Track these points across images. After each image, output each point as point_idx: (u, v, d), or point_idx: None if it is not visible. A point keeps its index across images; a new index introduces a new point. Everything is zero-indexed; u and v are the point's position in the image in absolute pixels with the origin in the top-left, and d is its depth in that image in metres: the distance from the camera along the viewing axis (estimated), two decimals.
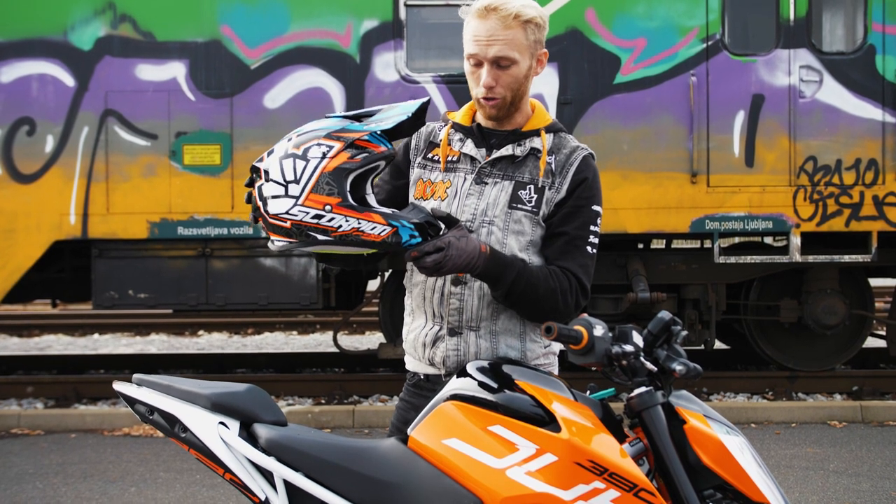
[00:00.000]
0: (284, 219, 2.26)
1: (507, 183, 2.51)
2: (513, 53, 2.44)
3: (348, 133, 2.27)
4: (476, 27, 2.45)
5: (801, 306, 7.80)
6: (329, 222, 2.24)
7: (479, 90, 2.49)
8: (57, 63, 7.28)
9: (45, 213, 7.29)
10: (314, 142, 2.26)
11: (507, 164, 2.53)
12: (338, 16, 7.35)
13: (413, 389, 2.63)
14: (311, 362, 9.26)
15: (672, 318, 2.30)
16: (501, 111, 2.52)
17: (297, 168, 2.24)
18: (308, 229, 2.26)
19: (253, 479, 2.38)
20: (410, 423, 2.49)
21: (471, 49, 2.47)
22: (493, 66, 2.45)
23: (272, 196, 2.26)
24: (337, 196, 2.23)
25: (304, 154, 2.25)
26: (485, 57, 2.45)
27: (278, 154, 2.28)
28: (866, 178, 7.43)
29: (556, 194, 2.50)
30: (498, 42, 2.43)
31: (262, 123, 7.33)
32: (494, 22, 2.43)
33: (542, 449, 2.20)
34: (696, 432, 2.26)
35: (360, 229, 2.26)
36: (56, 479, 5.71)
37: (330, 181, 2.23)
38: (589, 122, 7.37)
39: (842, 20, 7.67)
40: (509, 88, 2.48)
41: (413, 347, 2.59)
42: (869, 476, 5.67)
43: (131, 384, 2.54)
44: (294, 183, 2.24)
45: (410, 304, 2.61)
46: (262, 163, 2.31)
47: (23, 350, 10.64)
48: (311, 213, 2.24)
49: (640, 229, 7.45)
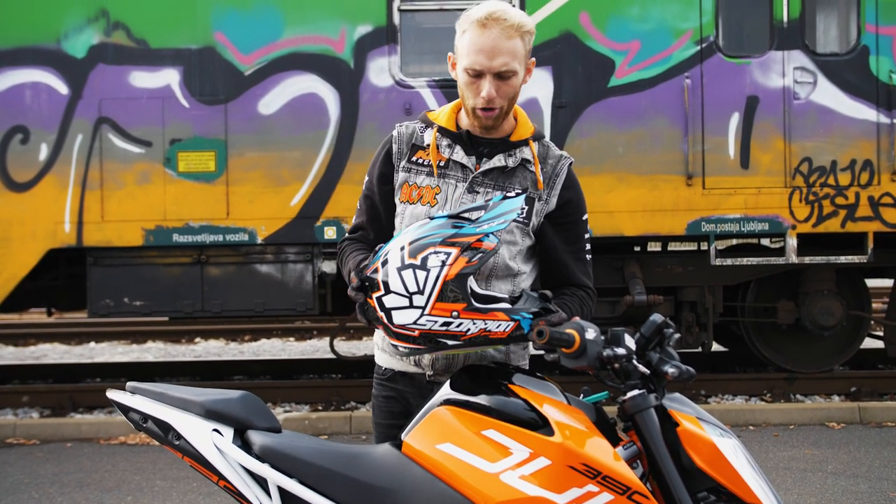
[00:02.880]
0: (412, 329, 2.29)
1: (499, 194, 2.51)
2: (515, 65, 2.44)
3: (463, 238, 2.28)
4: (478, 38, 2.42)
5: (798, 308, 7.79)
6: (458, 328, 2.28)
7: (477, 101, 2.46)
8: (50, 71, 7.28)
9: (40, 221, 7.28)
10: (430, 250, 2.27)
11: (497, 174, 2.54)
12: (331, 21, 7.35)
13: (388, 384, 2.64)
14: (308, 369, 9.25)
15: (664, 321, 2.30)
16: (497, 121, 2.51)
17: (419, 278, 2.26)
18: (437, 336, 2.29)
19: (247, 486, 2.38)
20: (397, 414, 2.52)
21: (472, 61, 2.43)
22: (495, 78, 2.44)
23: (396, 308, 2.29)
24: (462, 301, 2.26)
25: (424, 264, 2.26)
26: (489, 69, 2.42)
27: (394, 265, 2.29)
28: (861, 179, 7.43)
29: (546, 206, 2.54)
30: (503, 54, 2.42)
31: (257, 130, 7.33)
32: (497, 33, 2.41)
33: (535, 453, 2.19)
34: (690, 435, 2.25)
35: (487, 329, 2.29)
36: (52, 488, 5.69)
37: (454, 288, 2.26)
38: (584, 126, 7.37)
39: (835, 21, 7.68)
40: (507, 99, 2.48)
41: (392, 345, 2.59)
42: (867, 477, 5.66)
43: (125, 392, 2.54)
44: (418, 294, 2.26)
45: None
46: (376, 274, 2.31)
47: (18, 359, 10.62)
48: (440, 322, 2.27)
49: (636, 232, 7.44)
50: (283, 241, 7.38)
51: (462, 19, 2.48)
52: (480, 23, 2.42)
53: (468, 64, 2.44)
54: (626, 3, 7.37)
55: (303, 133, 7.33)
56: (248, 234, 7.32)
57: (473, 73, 2.44)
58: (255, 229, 7.33)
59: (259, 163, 7.33)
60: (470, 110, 2.51)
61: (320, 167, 7.33)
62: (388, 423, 2.58)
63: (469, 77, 2.46)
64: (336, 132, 7.33)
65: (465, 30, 2.46)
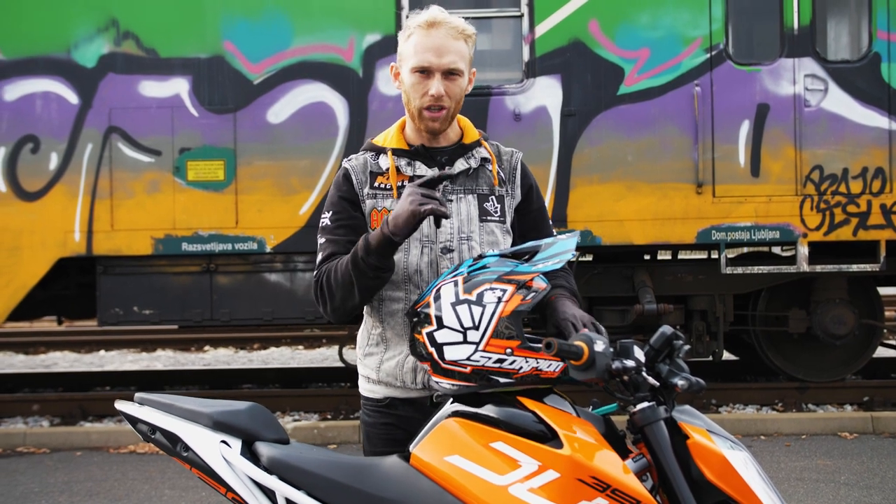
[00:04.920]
0: (465, 365, 2.28)
1: (471, 197, 2.55)
2: (462, 65, 2.50)
3: (519, 276, 2.29)
4: (423, 39, 2.47)
5: (809, 316, 7.75)
6: (511, 365, 2.27)
7: (425, 100, 2.49)
8: (60, 80, 7.30)
9: (50, 230, 7.30)
10: (486, 286, 2.27)
11: (463, 177, 2.57)
12: (340, 30, 7.36)
13: (387, 410, 2.59)
14: (318, 377, 9.24)
15: (674, 333, 2.28)
16: (444, 124, 2.53)
17: (474, 314, 2.26)
18: (490, 374, 2.28)
19: (255, 498, 2.36)
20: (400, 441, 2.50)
21: (420, 59, 2.47)
22: (442, 77, 2.48)
23: (449, 343, 2.28)
24: (516, 339, 2.26)
25: (480, 299, 2.26)
26: (437, 67, 2.47)
27: (448, 299, 2.29)
28: (873, 187, 7.39)
29: (513, 200, 2.62)
30: (450, 52, 2.47)
31: (266, 138, 7.33)
32: (443, 34, 2.47)
33: (544, 465, 2.17)
34: (700, 447, 2.23)
35: (539, 368, 2.29)
36: (61, 497, 5.69)
37: (508, 325, 2.26)
38: (593, 134, 7.35)
39: (846, 28, 7.65)
40: (455, 100, 2.51)
41: (393, 376, 2.56)
42: (881, 488, 5.61)
43: (133, 403, 2.53)
44: (473, 329, 2.26)
45: (381, 334, 2.58)
46: (428, 308, 2.31)
47: (29, 367, 10.64)
48: (494, 358, 2.26)
49: (645, 240, 7.41)
50: (292, 250, 7.37)
51: (405, 26, 2.53)
52: (427, 24, 2.48)
53: (416, 62, 2.47)
54: (636, 11, 7.35)
55: (312, 142, 7.34)
56: (257, 243, 7.32)
57: (421, 72, 2.47)
58: (265, 238, 7.33)
59: (268, 171, 7.33)
60: (416, 113, 2.52)
61: (329, 176, 7.33)
62: (387, 451, 2.51)
63: (417, 77, 2.48)
64: (345, 141, 7.33)
65: (410, 34, 2.50)
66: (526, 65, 7.38)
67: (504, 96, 7.35)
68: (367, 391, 2.65)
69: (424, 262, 2.51)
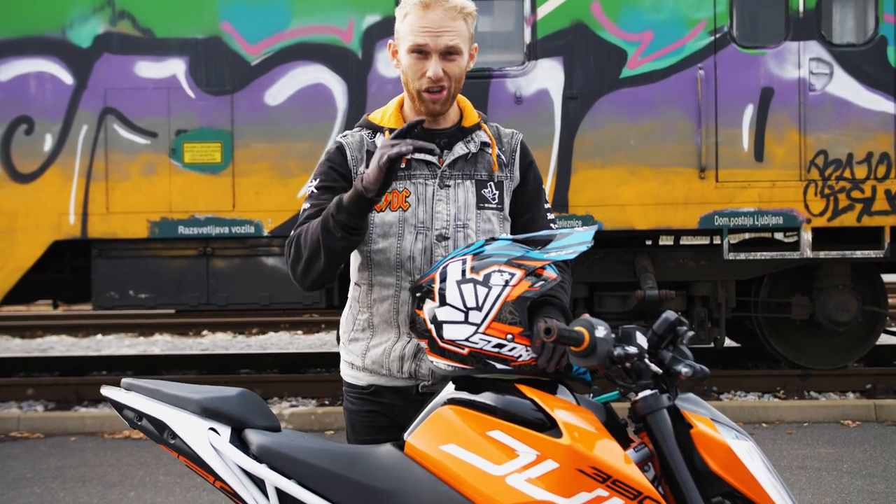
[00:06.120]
0: (462, 346, 2.21)
1: (469, 183, 2.48)
2: (460, 43, 2.42)
3: (530, 261, 2.22)
4: (421, 18, 2.39)
5: (812, 303, 7.68)
6: (510, 352, 2.20)
7: (423, 82, 2.41)
8: (55, 61, 7.21)
9: (44, 212, 7.22)
10: (495, 268, 2.21)
11: (462, 162, 2.50)
12: (339, 11, 7.26)
13: (372, 398, 2.52)
14: (316, 362, 9.18)
15: (678, 319, 2.21)
16: (446, 105, 2.46)
17: (479, 294, 2.19)
18: (487, 358, 2.20)
19: (244, 487, 2.31)
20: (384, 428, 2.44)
21: (417, 39, 2.39)
22: (441, 58, 2.40)
23: (449, 321, 2.20)
24: (519, 325, 2.19)
25: (486, 280, 2.19)
26: (435, 47, 2.39)
27: (454, 277, 2.22)
28: (878, 172, 7.31)
29: (512, 183, 2.54)
30: (448, 32, 2.39)
31: (264, 120, 7.24)
32: (440, 13, 2.39)
33: (542, 455, 2.11)
34: (704, 437, 2.16)
35: None
36: (54, 483, 5.63)
37: (513, 310, 2.19)
38: (595, 117, 7.26)
39: (852, 11, 7.54)
40: (454, 80, 2.44)
41: (380, 364, 2.49)
42: (884, 476, 5.56)
43: (119, 389, 2.47)
44: (476, 310, 2.19)
45: (367, 320, 2.51)
46: (433, 284, 2.24)
47: (24, 351, 10.59)
48: (493, 342, 2.19)
49: (647, 226, 7.34)
50: (289, 234, 7.28)
51: (402, 3, 2.45)
52: (423, 4, 2.39)
53: (413, 42, 2.39)
54: None
55: (310, 124, 7.25)
56: (254, 227, 7.24)
57: (419, 51, 2.39)
58: (262, 221, 7.25)
59: (265, 154, 7.25)
60: (415, 94, 2.44)
61: None
62: (372, 439, 2.45)
63: (414, 58, 2.41)
64: (344, 123, 7.24)
65: (406, 13, 2.42)
66: (527, 47, 7.28)
67: (505, 79, 7.26)
68: (351, 377, 2.57)
69: (418, 249, 2.44)
